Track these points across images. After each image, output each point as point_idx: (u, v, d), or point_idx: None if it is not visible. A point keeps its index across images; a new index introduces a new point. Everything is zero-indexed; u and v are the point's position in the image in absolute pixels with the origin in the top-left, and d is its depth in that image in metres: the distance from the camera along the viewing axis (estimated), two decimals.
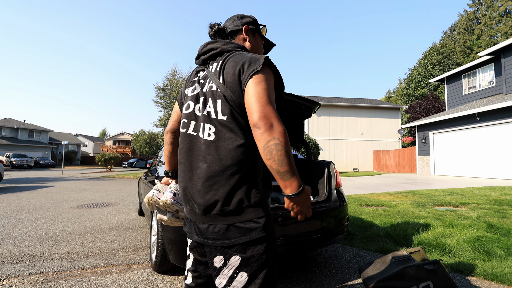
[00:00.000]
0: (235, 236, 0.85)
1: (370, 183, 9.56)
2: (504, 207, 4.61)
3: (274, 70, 0.92)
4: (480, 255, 2.46)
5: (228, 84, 0.90)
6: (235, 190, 0.86)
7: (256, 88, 0.84)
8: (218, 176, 0.87)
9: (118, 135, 48.82)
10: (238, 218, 0.86)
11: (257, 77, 0.85)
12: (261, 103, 0.81)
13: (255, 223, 0.86)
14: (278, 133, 0.79)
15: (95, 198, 6.67)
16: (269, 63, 0.90)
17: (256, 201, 0.88)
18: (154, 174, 2.74)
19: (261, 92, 0.83)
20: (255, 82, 0.85)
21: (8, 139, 31.82)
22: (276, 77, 0.93)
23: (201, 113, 0.94)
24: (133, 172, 19.28)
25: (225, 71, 0.92)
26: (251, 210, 0.87)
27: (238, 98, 0.88)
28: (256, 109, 0.81)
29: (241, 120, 0.89)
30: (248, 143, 0.88)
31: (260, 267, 0.85)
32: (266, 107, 0.81)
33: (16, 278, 2.16)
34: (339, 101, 21.46)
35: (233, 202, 0.86)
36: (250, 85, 0.85)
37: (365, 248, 2.81)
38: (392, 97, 46.47)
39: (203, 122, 0.93)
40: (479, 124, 11.40)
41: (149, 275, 2.21)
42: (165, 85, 18.01)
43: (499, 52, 12.26)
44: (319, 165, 2.51)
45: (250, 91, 0.84)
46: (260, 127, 0.79)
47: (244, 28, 1.10)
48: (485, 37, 33.91)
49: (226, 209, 0.86)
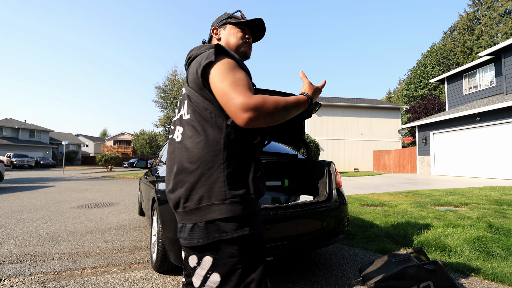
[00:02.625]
0: (198, 237, 0.82)
1: (370, 183, 9.56)
2: (505, 207, 4.61)
3: (229, 55, 0.90)
4: (480, 255, 2.46)
5: (190, 83, 0.91)
6: (195, 187, 0.84)
7: (220, 81, 0.82)
8: (181, 174, 0.87)
9: (118, 135, 48.86)
10: (200, 217, 0.83)
11: (215, 69, 0.84)
12: (230, 96, 0.78)
13: (220, 222, 0.82)
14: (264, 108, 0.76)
15: (95, 198, 6.67)
16: (221, 50, 0.89)
17: (221, 199, 0.82)
18: (155, 174, 2.75)
19: (226, 84, 0.80)
20: (216, 73, 0.83)
21: (9, 139, 31.85)
22: (234, 60, 0.90)
23: (177, 117, 0.98)
24: (134, 172, 19.30)
25: (189, 71, 0.94)
26: (214, 209, 0.82)
27: (199, 94, 0.88)
28: (232, 102, 0.77)
29: (203, 117, 0.88)
30: (210, 138, 0.86)
31: (232, 269, 0.82)
32: (237, 97, 0.77)
33: (17, 278, 2.16)
34: (340, 101, 21.45)
35: (193, 200, 0.84)
36: (212, 79, 0.84)
37: (365, 248, 2.81)
38: (392, 97, 46.46)
39: (177, 125, 0.96)
40: (479, 124, 11.39)
41: (149, 275, 2.22)
42: (165, 85, 18.04)
43: (499, 52, 12.26)
44: (319, 165, 2.51)
45: (216, 85, 0.83)
46: (245, 119, 0.76)
47: (212, 31, 1.11)
48: (485, 37, 33.88)
49: (187, 207, 0.85)
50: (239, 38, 1.07)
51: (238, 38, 1.07)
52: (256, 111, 0.75)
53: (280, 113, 0.80)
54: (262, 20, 1.09)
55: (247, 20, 1.08)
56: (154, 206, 2.42)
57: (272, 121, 0.80)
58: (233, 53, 0.92)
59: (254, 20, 1.09)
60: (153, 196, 2.40)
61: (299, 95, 0.92)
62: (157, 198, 2.15)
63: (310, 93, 0.95)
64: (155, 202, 2.28)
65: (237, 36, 1.07)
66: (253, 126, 0.78)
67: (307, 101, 0.91)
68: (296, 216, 1.94)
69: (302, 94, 0.93)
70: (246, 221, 0.85)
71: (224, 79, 0.81)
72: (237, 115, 0.77)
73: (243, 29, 1.09)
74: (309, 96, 0.93)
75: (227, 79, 0.81)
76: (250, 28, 1.11)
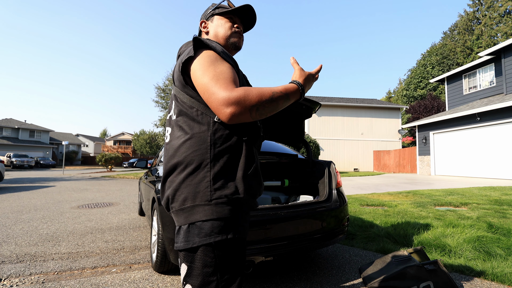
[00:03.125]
0: (180, 240, 0.78)
1: (370, 183, 9.56)
2: (505, 207, 4.61)
3: (208, 47, 0.84)
4: (480, 255, 2.46)
5: (176, 81, 0.88)
6: (180, 187, 0.80)
7: (201, 77, 0.77)
8: (168, 175, 0.85)
9: (118, 135, 48.86)
10: (184, 218, 0.78)
11: (195, 65, 0.80)
12: (211, 91, 0.73)
13: (203, 225, 0.76)
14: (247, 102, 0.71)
15: (95, 198, 6.67)
16: (200, 44, 0.84)
17: (206, 200, 0.77)
18: (155, 174, 2.74)
19: (207, 79, 0.75)
20: (196, 69, 0.79)
21: (9, 139, 31.85)
22: (215, 51, 0.84)
23: (167, 118, 0.95)
24: (134, 172, 19.29)
25: (174, 70, 0.91)
26: (198, 210, 0.77)
27: (184, 92, 0.85)
28: (214, 98, 0.73)
29: (189, 115, 0.84)
30: (196, 137, 0.81)
31: (204, 282, 0.75)
32: (218, 92, 0.72)
33: (17, 278, 2.16)
34: (340, 101, 21.46)
35: (178, 201, 0.80)
36: (194, 75, 0.80)
37: (365, 248, 2.81)
38: (392, 97, 46.46)
39: (167, 127, 0.94)
40: (479, 124, 11.39)
41: (149, 275, 2.22)
42: (165, 85, 18.07)
43: (499, 52, 12.26)
44: (319, 165, 2.51)
45: (198, 81, 0.79)
46: (227, 114, 0.71)
47: (200, 24, 1.06)
48: (485, 37, 33.88)
49: (173, 208, 0.81)
50: (228, 29, 0.99)
51: (227, 29, 0.99)
52: (239, 105, 0.70)
53: (266, 105, 0.74)
54: (251, 7, 1.00)
55: (235, 8, 0.99)
56: (154, 206, 2.42)
57: (258, 115, 0.74)
58: (214, 44, 0.86)
59: (242, 7, 0.99)
60: (153, 196, 2.40)
61: (289, 84, 0.83)
62: (157, 198, 2.15)
63: (301, 81, 0.85)
64: (155, 202, 2.28)
65: (225, 27, 0.99)
66: (238, 122, 0.74)
67: (298, 90, 0.82)
68: (296, 216, 1.94)
69: (293, 82, 0.84)
70: (232, 224, 0.79)
71: (205, 73, 0.77)
72: (219, 111, 0.72)
73: (231, 18, 1.01)
74: (300, 84, 0.83)
75: (208, 73, 0.76)
76: (239, 17, 1.03)
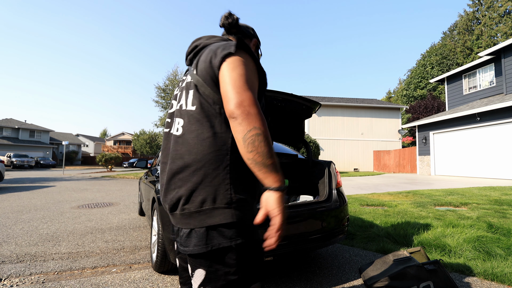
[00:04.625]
0: (195, 244, 0.75)
1: (370, 183, 9.56)
2: (505, 207, 4.61)
3: (251, 54, 0.82)
4: (480, 255, 2.46)
5: (200, 72, 0.83)
6: (198, 188, 0.76)
7: (231, 73, 0.74)
8: (181, 172, 0.78)
9: (118, 135, 48.85)
10: (200, 221, 0.75)
11: (231, 61, 0.76)
12: (237, 90, 0.72)
13: (221, 229, 0.74)
14: (258, 122, 0.69)
15: (95, 198, 6.67)
16: (244, 45, 0.80)
17: (226, 202, 0.75)
18: (155, 174, 2.75)
19: (237, 78, 0.74)
20: (230, 67, 0.76)
21: (9, 139, 31.85)
22: (255, 62, 0.82)
23: (176, 108, 0.89)
24: (134, 172, 19.29)
25: (199, 60, 0.85)
26: (218, 213, 0.75)
27: (210, 86, 0.80)
28: (232, 97, 0.71)
29: (211, 111, 0.80)
30: (218, 137, 0.78)
31: (227, 284, 0.75)
32: (243, 93, 0.71)
33: (17, 278, 2.16)
34: (340, 101, 21.45)
35: (194, 202, 0.75)
36: (224, 70, 0.76)
37: (365, 248, 2.81)
38: (392, 97, 46.46)
39: (176, 117, 0.87)
40: (479, 124, 11.39)
41: (149, 275, 2.22)
42: (165, 85, 18.06)
43: (499, 52, 12.27)
44: (319, 165, 2.51)
45: (225, 77, 0.75)
46: (236, 117, 0.69)
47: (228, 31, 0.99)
48: (485, 37, 33.87)
49: (186, 210, 0.76)
50: None
51: None
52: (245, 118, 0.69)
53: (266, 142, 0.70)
54: None
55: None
56: (154, 206, 2.42)
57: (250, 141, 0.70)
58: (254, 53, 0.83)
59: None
60: (153, 196, 2.40)
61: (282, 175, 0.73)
62: (157, 198, 2.15)
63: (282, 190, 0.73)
64: (155, 202, 2.28)
65: None
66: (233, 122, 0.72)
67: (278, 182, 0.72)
68: (296, 216, 1.94)
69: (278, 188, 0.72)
70: (251, 226, 0.79)
71: (236, 78, 0.74)
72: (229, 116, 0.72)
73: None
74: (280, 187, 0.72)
75: (239, 79, 0.74)
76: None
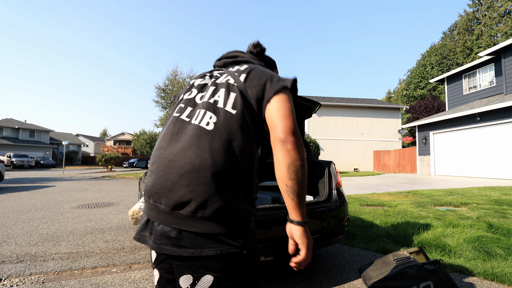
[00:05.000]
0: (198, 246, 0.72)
1: (370, 183, 9.56)
2: (505, 207, 4.61)
3: (295, 95, 0.92)
4: (480, 255, 2.46)
5: (251, 85, 0.88)
6: (218, 193, 0.73)
7: (286, 104, 0.83)
8: (202, 171, 0.73)
9: (118, 135, 48.85)
10: (208, 228, 0.72)
11: (286, 94, 0.86)
12: (292, 120, 0.80)
13: (231, 236, 0.74)
14: (304, 155, 0.78)
15: (95, 198, 6.67)
16: (296, 86, 0.92)
17: (239, 211, 0.76)
18: None
19: (290, 111, 0.82)
20: (284, 98, 0.84)
21: (9, 139, 31.85)
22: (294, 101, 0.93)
23: (204, 100, 0.87)
24: (134, 172, 19.29)
25: (251, 73, 0.91)
26: (230, 222, 0.75)
27: (256, 103, 0.85)
28: (288, 124, 0.78)
29: (249, 123, 0.83)
30: (248, 148, 0.80)
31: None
32: (294, 125, 0.80)
33: (17, 278, 2.16)
34: (340, 101, 21.45)
35: (211, 207, 0.72)
36: (279, 99, 0.83)
37: (365, 248, 2.81)
38: (392, 97, 46.46)
39: (204, 109, 0.84)
40: (479, 124, 11.39)
41: (149, 275, 2.22)
42: (165, 85, 18.02)
43: (499, 52, 12.27)
44: (319, 165, 2.51)
45: (278, 105, 0.82)
46: (289, 143, 0.76)
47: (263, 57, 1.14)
48: (485, 37, 33.88)
49: (199, 213, 0.72)
50: None
51: None
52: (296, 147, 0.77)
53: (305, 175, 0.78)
54: None
55: None
56: None
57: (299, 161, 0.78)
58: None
59: None
60: None
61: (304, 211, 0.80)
62: None
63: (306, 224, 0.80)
64: None
65: None
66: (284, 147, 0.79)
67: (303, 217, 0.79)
68: None
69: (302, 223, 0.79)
70: (253, 234, 0.83)
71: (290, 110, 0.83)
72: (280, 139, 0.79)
73: None
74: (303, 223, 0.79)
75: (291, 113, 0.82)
76: None
